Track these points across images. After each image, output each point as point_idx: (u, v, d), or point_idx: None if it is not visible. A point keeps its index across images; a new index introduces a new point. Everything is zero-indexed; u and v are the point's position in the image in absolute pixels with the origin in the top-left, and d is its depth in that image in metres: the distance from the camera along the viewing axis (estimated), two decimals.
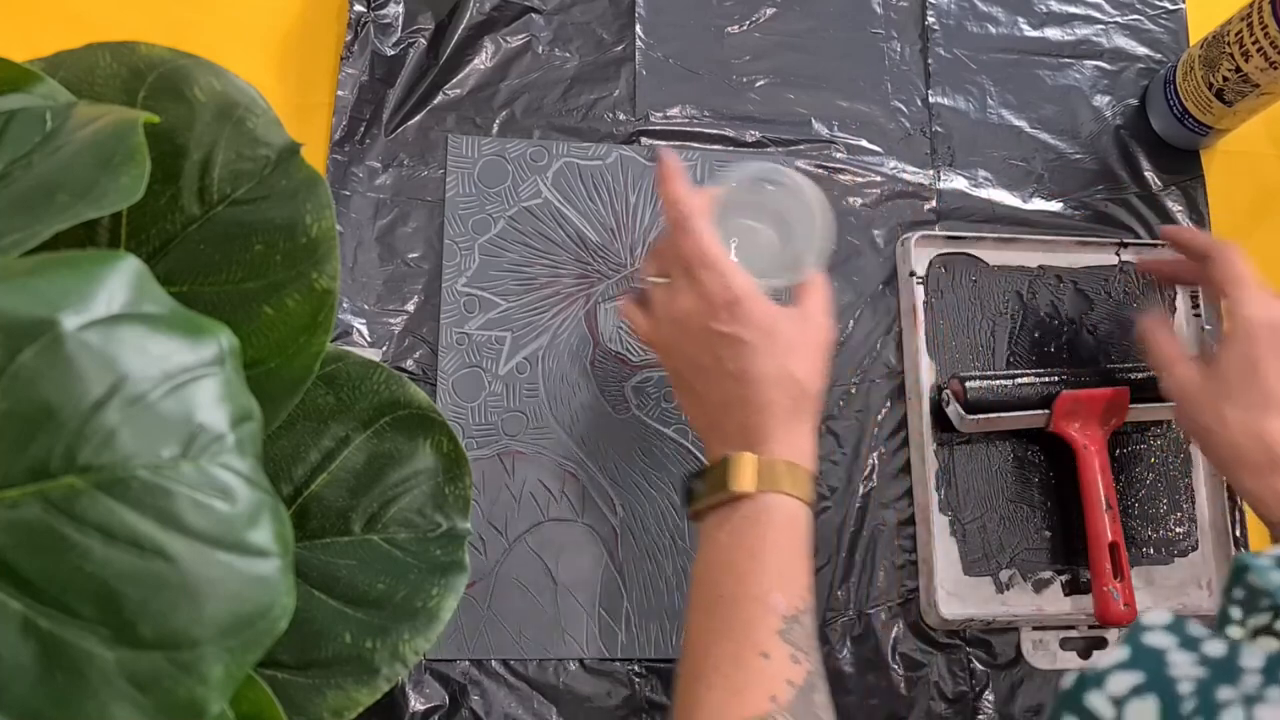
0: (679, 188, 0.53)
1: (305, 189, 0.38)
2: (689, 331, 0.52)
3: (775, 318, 0.52)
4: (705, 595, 0.49)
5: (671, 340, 0.54)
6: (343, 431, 0.46)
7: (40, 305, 0.24)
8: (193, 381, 0.26)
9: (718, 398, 0.52)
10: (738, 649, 0.45)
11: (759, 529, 0.49)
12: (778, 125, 0.71)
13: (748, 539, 0.49)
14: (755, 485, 0.49)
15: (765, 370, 0.51)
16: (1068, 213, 0.73)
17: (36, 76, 0.35)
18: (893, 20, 0.75)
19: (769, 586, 0.47)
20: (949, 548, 0.65)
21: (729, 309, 0.51)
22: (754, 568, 0.48)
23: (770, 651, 0.45)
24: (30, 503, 0.24)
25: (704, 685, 0.45)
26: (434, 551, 0.46)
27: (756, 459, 0.50)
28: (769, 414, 0.51)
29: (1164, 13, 0.79)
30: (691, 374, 0.53)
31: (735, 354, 0.51)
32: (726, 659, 0.45)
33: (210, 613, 0.25)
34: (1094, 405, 0.65)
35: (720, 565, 0.49)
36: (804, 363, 0.52)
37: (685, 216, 0.52)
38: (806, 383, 0.52)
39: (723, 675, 0.45)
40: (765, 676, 0.44)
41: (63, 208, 0.28)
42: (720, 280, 0.51)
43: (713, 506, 0.50)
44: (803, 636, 0.46)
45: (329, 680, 0.41)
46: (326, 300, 0.37)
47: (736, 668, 0.45)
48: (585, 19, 0.71)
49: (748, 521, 0.49)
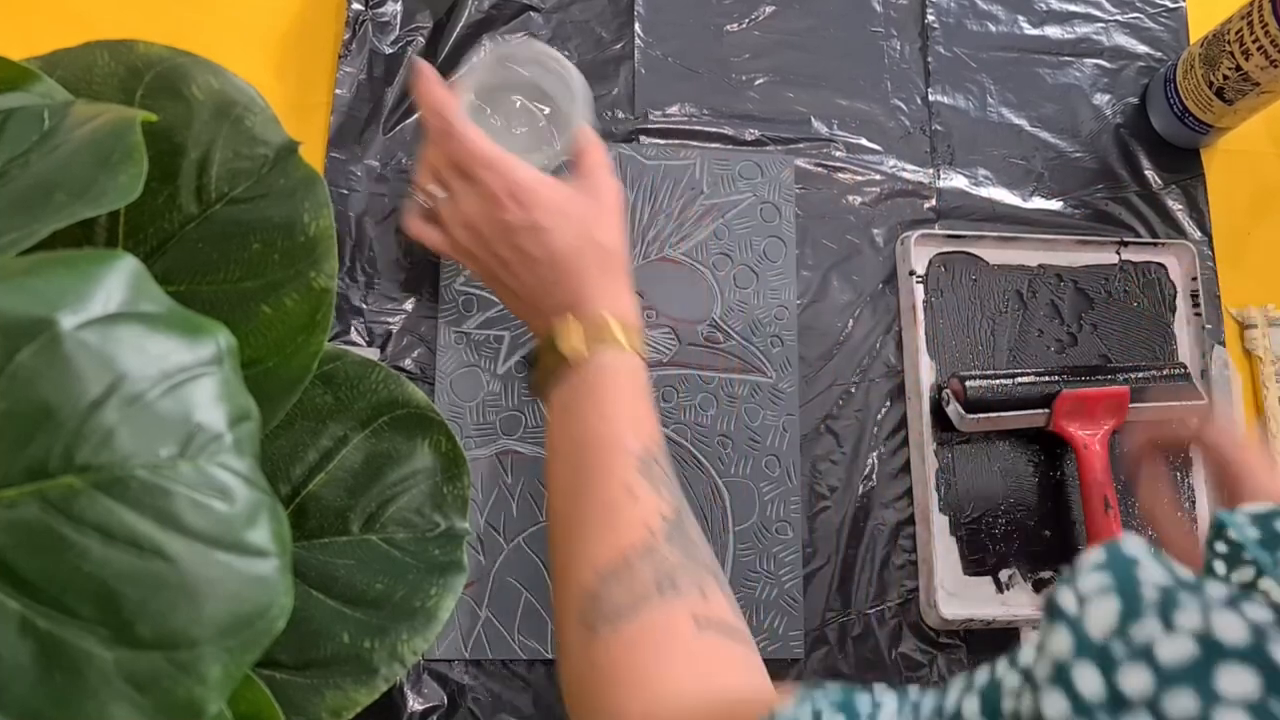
0: (437, 92, 0.53)
1: (303, 188, 0.38)
2: (484, 232, 0.54)
3: (563, 194, 0.54)
4: (563, 460, 0.50)
5: (470, 245, 0.55)
6: (341, 431, 0.46)
7: (38, 304, 0.24)
8: (190, 381, 0.26)
9: (531, 283, 0.54)
10: (605, 493, 0.47)
11: (601, 384, 0.50)
12: (777, 124, 0.71)
13: (592, 396, 0.50)
14: (585, 345, 0.51)
15: (568, 244, 0.53)
16: (1068, 211, 0.73)
17: (34, 75, 0.35)
18: (892, 18, 0.75)
19: (621, 433, 0.48)
20: (949, 548, 0.65)
21: (515, 199, 0.52)
22: (603, 420, 0.49)
23: (635, 489, 0.46)
24: (29, 502, 0.24)
25: (578, 536, 0.46)
26: (432, 551, 0.46)
27: (581, 321, 0.51)
28: (583, 281, 0.53)
29: (1164, 11, 0.79)
30: (499, 270, 0.54)
31: (535, 239, 0.52)
32: (596, 506, 0.46)
33: (208, 612, 0.24)
34: (1094, 405, 0.65)
35: (571, 428, 0.50)
36: (603, 227, 0.54)
37: (448, 121, 0.53)
38: (610, 245, 0.54)
39: (595, 520, 0.46)
40: (636, 512, 0.46)
41: (60, 207, 0.28)
42: (499, 175, 0.52)
43: (553, 379, 0.52)
44: (662, 475, 0.48)
45: (327, 680, 0.41)
46: (324, 299, 0.37)
47: (607, 510, 0.46)
48: (584, 17, 0.71)
49: (588, 382, 0.50)
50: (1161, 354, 0.71)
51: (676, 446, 0.64)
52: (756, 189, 0.69)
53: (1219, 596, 0.20)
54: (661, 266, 0.67)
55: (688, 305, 0.66)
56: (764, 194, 0.69)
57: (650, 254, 0.67)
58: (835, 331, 0.68)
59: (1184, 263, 0.73)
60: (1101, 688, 0.20)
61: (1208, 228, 0.75)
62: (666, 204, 0.68)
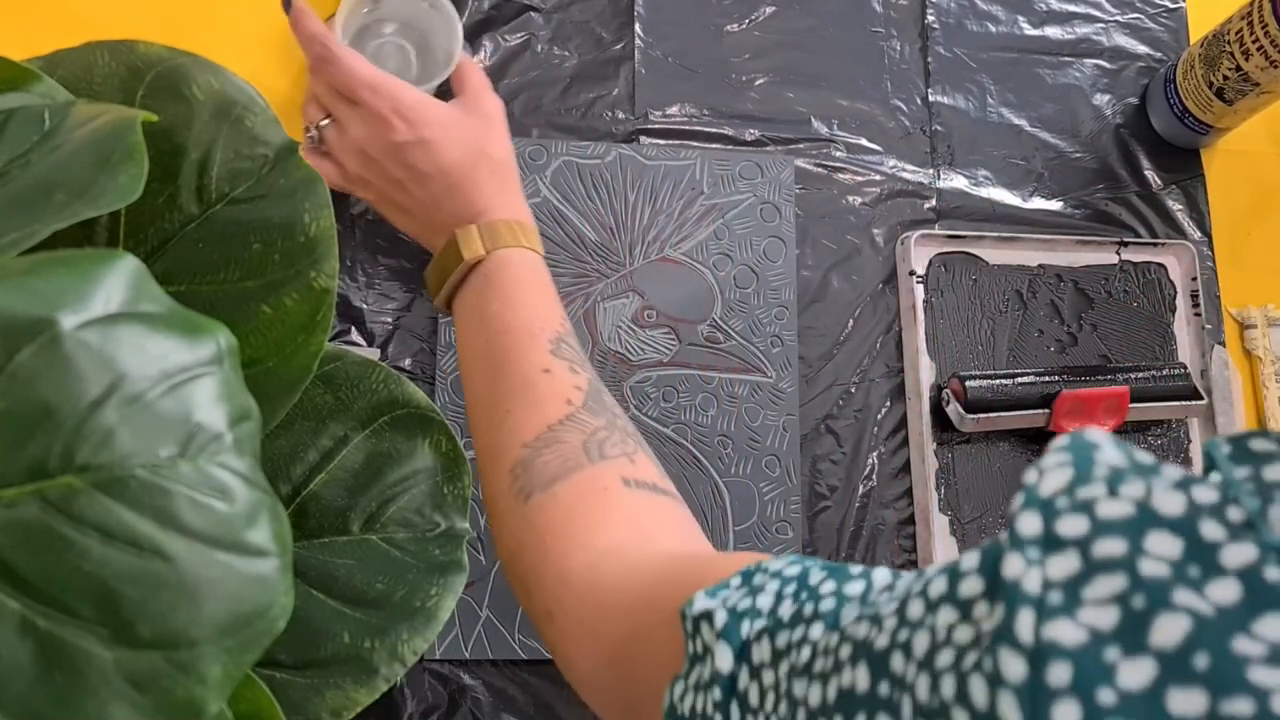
0: (314, 24, 0.54)
1: (303, 188, 0.38)
2: (373, 154, 0.54)
3: (448, 111, 0.54)
4: (476, 355, 0.50)
5: (362, 170, 0.55)
6: (341, 431, 0.46)
7: (38, 304, 0.24)
8: (191, 381, 0.26)
9: (425, 199, 0.54)
10: (521, 374, 0.47)
11: (503, 278, 0.51)
12: (777, 124, 0.71)
13: (496, 290, 0.51)
14: (484, 247, 0.52)
15: (458, 157, 0.53)
16: (1068, 212, 0.73)
17: (35, 75, 0.35)
18: (892, 19, 0.75)
19: (530, 319, 0.49)
20: (949, 547, 0.65)
21: (401, 117, 0.53)
22: (511, 309, 0.50)
23: (550, 367, 0.47)
24: (28, 502, 0.24)
25: (499, 417, 0.47)
26: (432, 551, 0.46)
27: (477, 227, 0.52)
28: (477, 190, 0.53)
29: (1164, 11, 0.79)
30: (394, 191, 0.55)
31: (425, 155, 0.53)
32: (514, 387, 0.47)
33: (208, 612, 0.24)
34: (1094, 405, 0.65)
35: (481, 323, 0.51)
36: (491, 140, 0.55)
37: (327, 48, 0.53)
38: (499, 155, 0.55)
39: (516, 401, 0.47)
40: (554, 387, 0.47)
41: (61, 207, 0.28)
42: (383, 95, 0.53)
43: (456, 288, 0.53)
44: (572, 352, 0.49)
45: (327, 680, 0.41)
46: (325, 299, 0.37)
47: (525, 388, 0.47)
48: (584, 17, 0.71)
49: (490, 278, 0.51)
50: (1161, 354, 0.71)
51: (676, 446, 0.64)
52: (757, 189, 0.69)
53: (1170, 479, 0.21)
54: (662, 266, 0.67)
55: (688, 305, 0.66)
56: (764, 194, 0.69)
57: (650, 254, 0.67)
58: (835, 331, 0.68)
59: (1184, 263, 0.73)
60: (1039, 529, 0.21)
61: (1208, 228, 0.75)
62: (667, 204, 0.68)
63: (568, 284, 0.66)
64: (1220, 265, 0.74)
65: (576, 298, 0.65)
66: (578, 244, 0.66)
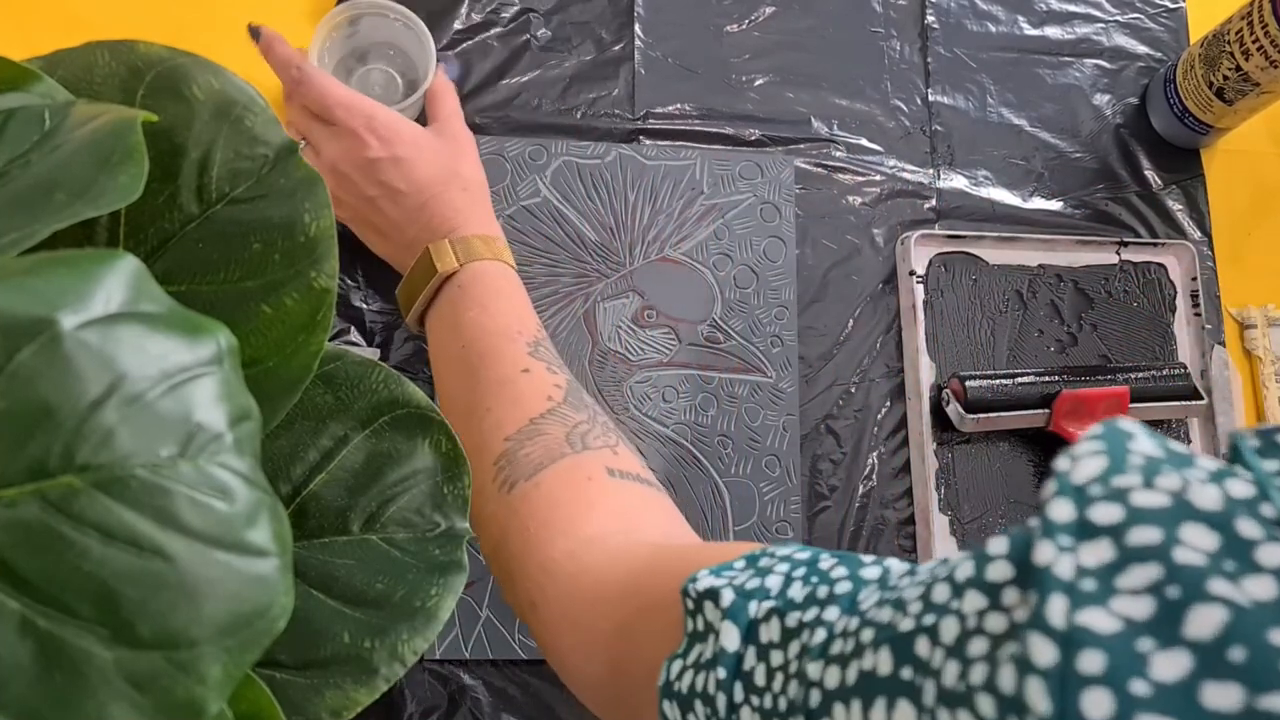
0: (285, 50, 0.54)
1: (304, 188, 0.38)
2: (348, 172, 0.54)
3: (421, 132, 0.55)
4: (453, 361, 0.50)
5: (336, 189, 0.55)
6: (341, 431, 0.46)
7: (38, 304, 0.24)
8: (191, 381, 0.26)
9: (397, 216, 0.54)
10: (500, 374, 0.48)
11: (478, 289, 0.51)
12: (777, 124, 0.71)
13: (472, 299, 0.51)
14: (457, 260, 0.52)
15: (431, 174, 0.54)
16: (1068, 212, 0.73)
17: (35, 75, 0.35)
18: (892, 19, 0.75)
19: (506, 324, 0.50)
20: (949, 547, 0.65)
21: (375, 135, 0.53)
22: (487, 315, 0.50)
23: (530, 367, 0.48)
24: (28, 502, 0.24)
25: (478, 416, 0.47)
26: (432, 551, 0.46)
27: (450, 241, 0.52)
28: (449, 208, 0.54)
29: (1164, 11, 0.79)
30: (367, 210, 0.55)
31: (398, 172, 0.54)
32: (494, 388, 0.47)
33: (209, 612, 0.24)
34: (1094, 405, 0.65)
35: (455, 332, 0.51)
36: (462, 160, 0.56)
37: (300, 70, 0.54)
38: (470, 174, 0.56)
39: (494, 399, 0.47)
40: (534, 385, 0.47)
41: (61, 207, 0.28)
42: (355, 113, 0.53)
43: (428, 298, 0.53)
44: (550, 355, 0.49)
45: (327, 680, 0.41)
46: (325, 299, 0.37)
47: (505, 386, 0.47)
48: (584, 18, 0.71)
49: (466, 288, 0.51)
50: (1161, 354, 0.71)
51: (676, 446, 0.64)
52: (756, 189, 0.69)
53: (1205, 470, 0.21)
54: (662, 266, 0.67)
55: (688, 305, 0.66)
56: (764, 194, 0.69)
57: (650, 254, 0.67)
58: (835, 331, 0.68)
59: (1184, 263, 0.73)
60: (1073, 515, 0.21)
61: (1207, 228, 0.75)
62: (667, 204, 0.68)
63: (568, 284, 0.66)
64: (1220, 265, 0.74)
65: (576, 298, 0.65)
66: (578, 244, 0.66)
